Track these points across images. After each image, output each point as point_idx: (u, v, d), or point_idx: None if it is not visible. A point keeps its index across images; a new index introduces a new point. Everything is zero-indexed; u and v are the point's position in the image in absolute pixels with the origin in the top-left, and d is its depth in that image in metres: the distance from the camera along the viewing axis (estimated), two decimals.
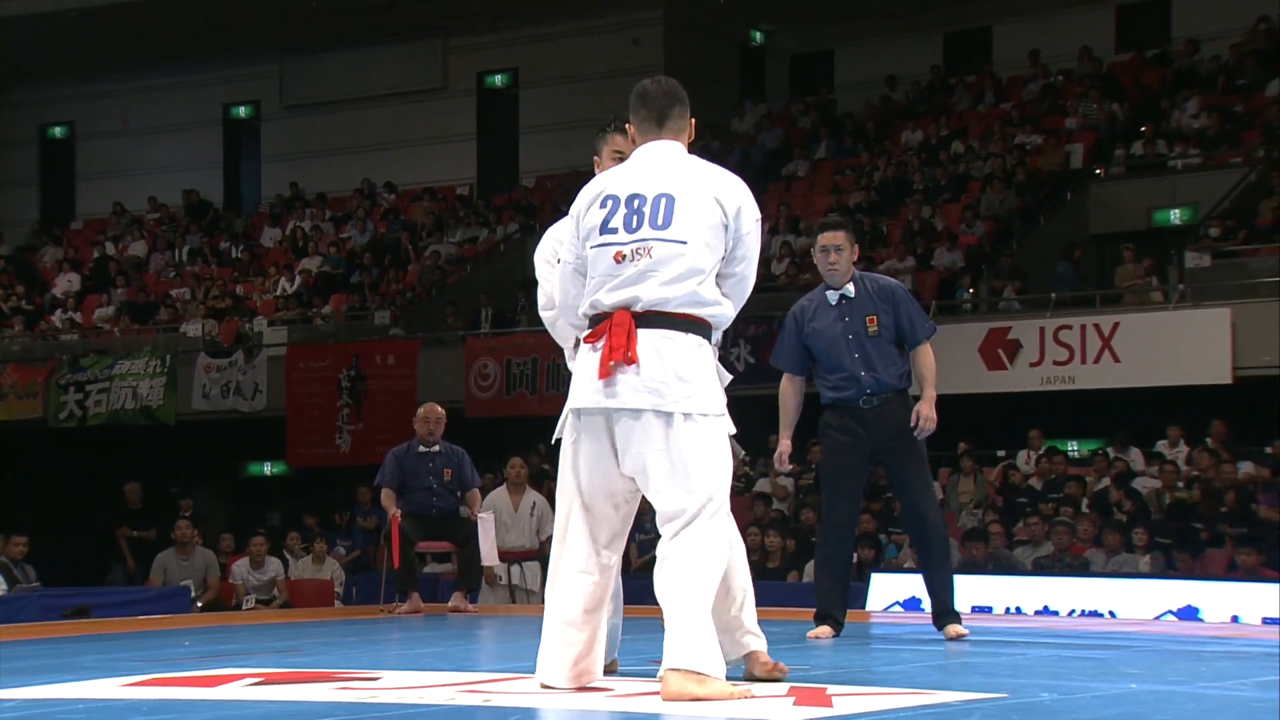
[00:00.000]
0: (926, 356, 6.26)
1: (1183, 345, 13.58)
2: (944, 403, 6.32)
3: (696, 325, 3.94)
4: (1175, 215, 17.05)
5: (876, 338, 6.16)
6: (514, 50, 22.59)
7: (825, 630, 6.21)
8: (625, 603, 4.54)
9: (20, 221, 25.01)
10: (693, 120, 4.25)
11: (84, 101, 24.84)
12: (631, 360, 3.86)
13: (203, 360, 18.66)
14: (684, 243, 3.93)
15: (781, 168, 19.97)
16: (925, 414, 6.11)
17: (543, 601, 4.25)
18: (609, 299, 3.93)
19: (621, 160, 4.32)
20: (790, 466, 6.43)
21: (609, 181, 4.06)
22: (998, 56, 20.35)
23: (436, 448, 9.29)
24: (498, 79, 23.03)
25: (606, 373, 3.87)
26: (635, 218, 3.95)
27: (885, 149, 19.12)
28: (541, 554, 10.90)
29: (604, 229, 3.97)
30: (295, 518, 15.89)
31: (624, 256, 3.93)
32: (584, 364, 3.98)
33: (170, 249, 22.60)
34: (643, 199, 3.97)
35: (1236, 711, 3.73)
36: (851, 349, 6.16)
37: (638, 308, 3.90)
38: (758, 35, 22.70)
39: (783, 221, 17.80)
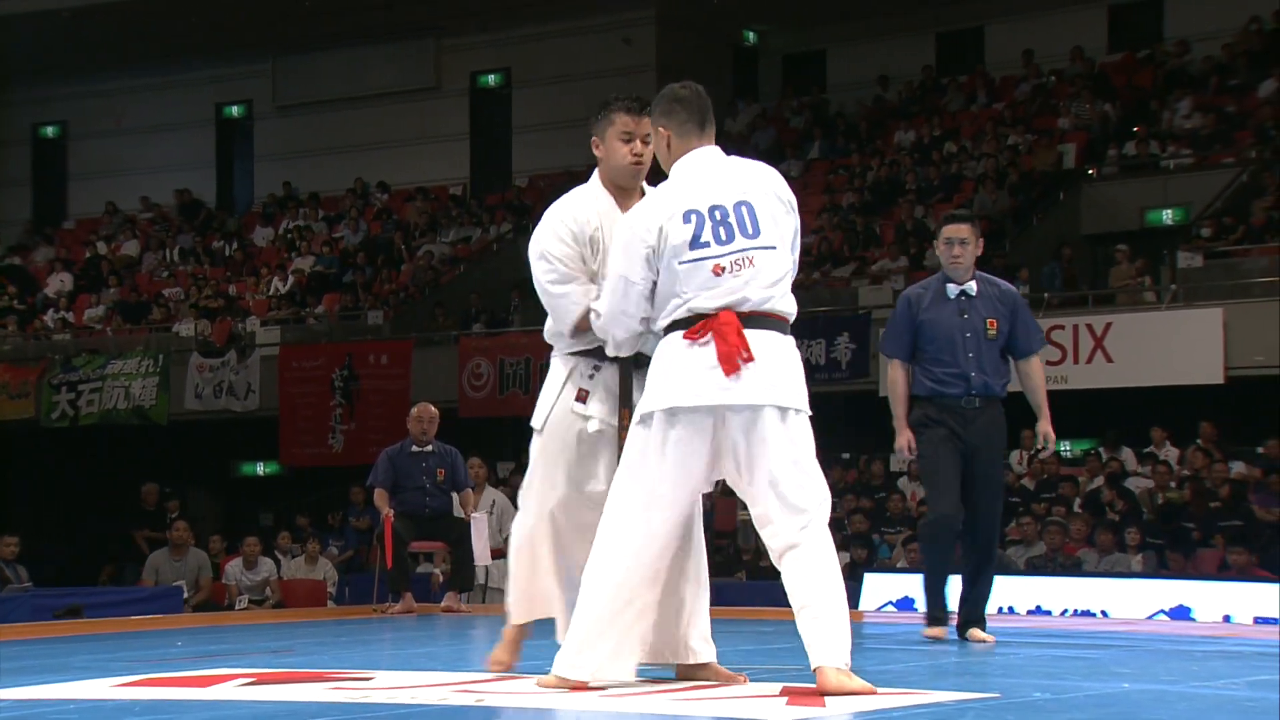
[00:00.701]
0: (1039, 371, 6.24)
1: (1175, 345, 13.60)
2: None
3: (788, 325, 4.07)
4: (1168, 215, 17.08)
5: (993, 341, 6.10)
6: (507, 50, 22.59)
7: (941, 631, 6.16)
8: None
9: (12, 221, 24.97)
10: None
11: (76, 101, 24.80)
12: (750, 358, 3.93)
13: (195, 360, 18.63)
14: (774, 247, 4.06)
15: (774, 167, 19.94)
16: (1050, 435, 6.16)
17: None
18: (712, 303, 3.98)
19: (630, 140, 4.39)
20: (912, 456, 6.27)
21: (682, 196, 4.08)
22: (990, 56, 20.37)
23: (430, 448, 9.28)
24: (490, 79, 23.02)
25: (734, 369, 3.91)
26: (724, 229, 4.03)
27: (878, 149, 19.14)
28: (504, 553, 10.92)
29: (695, 244, 4.01)
30: (288, 518, 15.88)
31: (723, 269, 4.00)
32: (687, 361, 3.95)
33: (163, 249, 22.56)
34: (724, 209, 4.06)
35: (1229, 711, 3.73)
36: (967, 347, 6.07)
37: (744, 309, 3.98)
38: (750, 35, 22.70)
39: None
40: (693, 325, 3.97)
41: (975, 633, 6.05)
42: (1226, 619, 9.16)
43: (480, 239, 20.18)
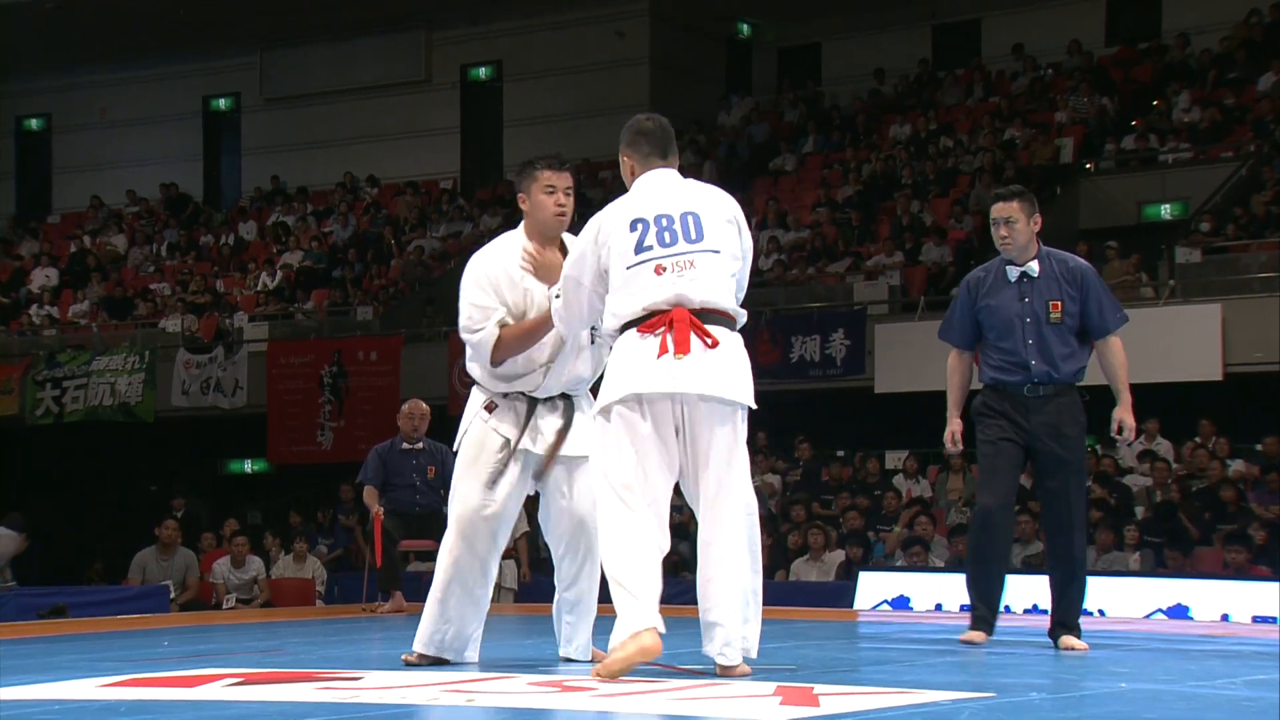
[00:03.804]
0: (1118, 352, 5.75)
1: (1173, 342, 13.61)
2: (930, 399, 6.23)
3: (735, 324, 4.39)
4: (1166, 210, 17.10)
5: (1059, 325, 5.66)
6: (497, 43, 22.58)
7: (978, 635, 5.73)
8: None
9: None
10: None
11: (61, 93, 24.77)
12: (715, 343, 4.27)
13: (182, 356, 18.61)
14: (718, 252, 4.39)
15: (769, 162, 19.99)
16: (1129, 423, 5.67)
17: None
18: (660, 300, 4.30)
19: (553, 193, 4.81)
20: (960, 447, 5.92)
21: (630, 206, 4.43)
22: (986, 50, 20.39)
23: (420, 445, 9.28)
24: (481, 72, 23.02)
25: (686, 350, 4.22)
26: (667, 234, 4.36)
27: (873, 143, 19.15)
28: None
29: (639, 249, 4.36)
30: (276, 516, 15.86)
31: (664, 269, 4.34)
32: (638, 351, 4.28)
33: (149, 243, 22.53)
34: (670, 217, 4.39)
35: (1226, 710, 3.74)
36: (1027, 333, 5.66)
37: (691, 306, 4.29)
38: (744, 28, 22.71)
39: (770, 216, 17.81)
40: (645, 321, 4.30)
41: (1066, 639, 5.68)
42: (1225, 618, 9.18)
43: (471, 234, 20.17)
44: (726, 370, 4.29)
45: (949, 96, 19.68)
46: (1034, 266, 5.79)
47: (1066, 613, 5.78)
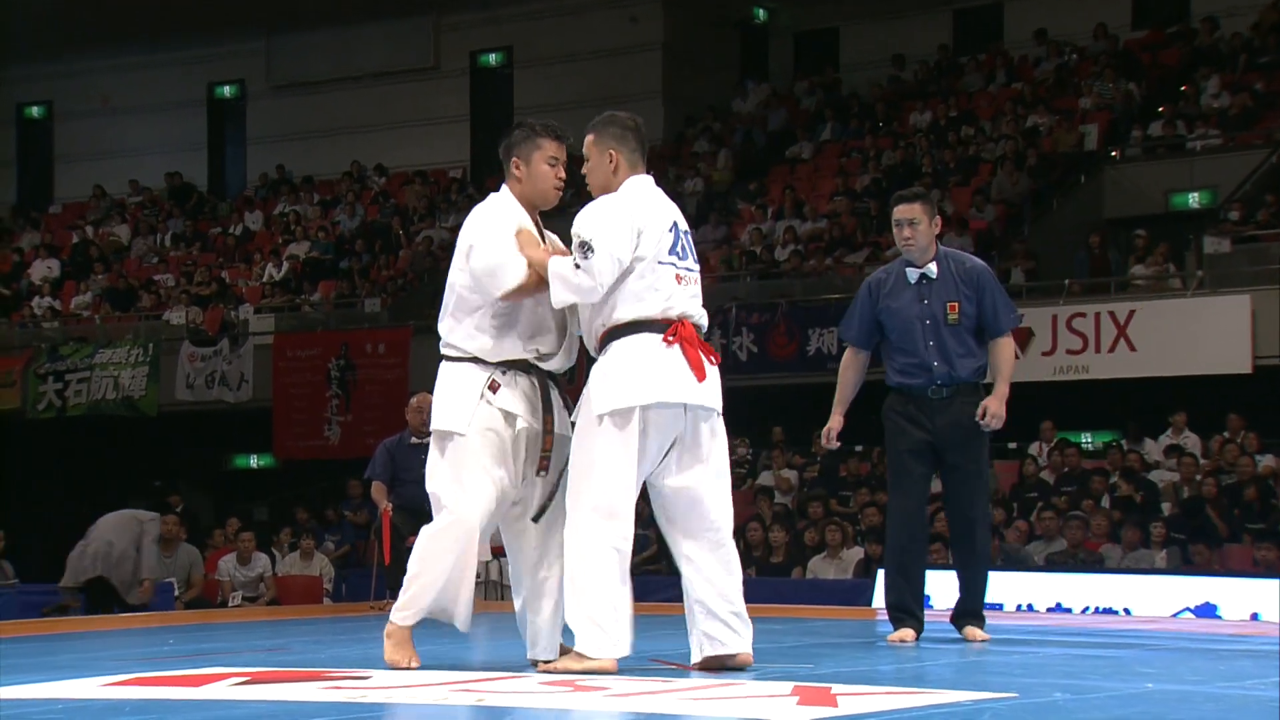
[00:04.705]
0: (1006, 349, 6.02)
1: (1201, 334, 13.57)
2: None
3: None
4: (1194, 199, 17.03)
5: (956, 326, 5.91)
6: (508, 28, 22.56)
7: (907, 634, 5.92)
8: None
9: None
10: None
11: (62, 80, 24.80)
12: (718, 360, 4.67)
13: (186, 349, 18.65)
14: (697, 273, 4.78)
15: (785, 150, 19.96)
16: (994, 410, 5.85)
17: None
18: (677, 309, 4.60)
19: (555, 165, 4.80)
20: (837, 444, 6.24)
21: (662, 208, 4.68)
22: (1009, 34, 20.32)
23: (429, 439, 9.27)
24: (491, 58, 23.01)
25: (703, 375, 4.57)
26: (683, 247, 4.70)
27: (892, 131, 19.11)
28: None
29: (671, 251, 4.64)
30: (283, 512, 15.89)
31: (681, 279, 4.64)
32: (662, 360, 4.52)
33: (153, 233, 22.58)
34: (679, 231, 4.70)
35: (1256, 712, 3.73)
36: (927, 335, 5.92)
37: (693, 320, 4.62)
38: (760, 13, 22.66)
39: (787, 206, 17.79)
40: (666, 328, 4.53)
41: (972, 630, 5.93)
42: (1255, 617, 9.16)
43: None
44: (718, 385, 4.69)
45: (970, 82, 19.63)
46: (932, 268, 6.04)
47: (971, 601, 6.03)
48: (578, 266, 4.51)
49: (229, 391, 18.36)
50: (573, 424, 4.64)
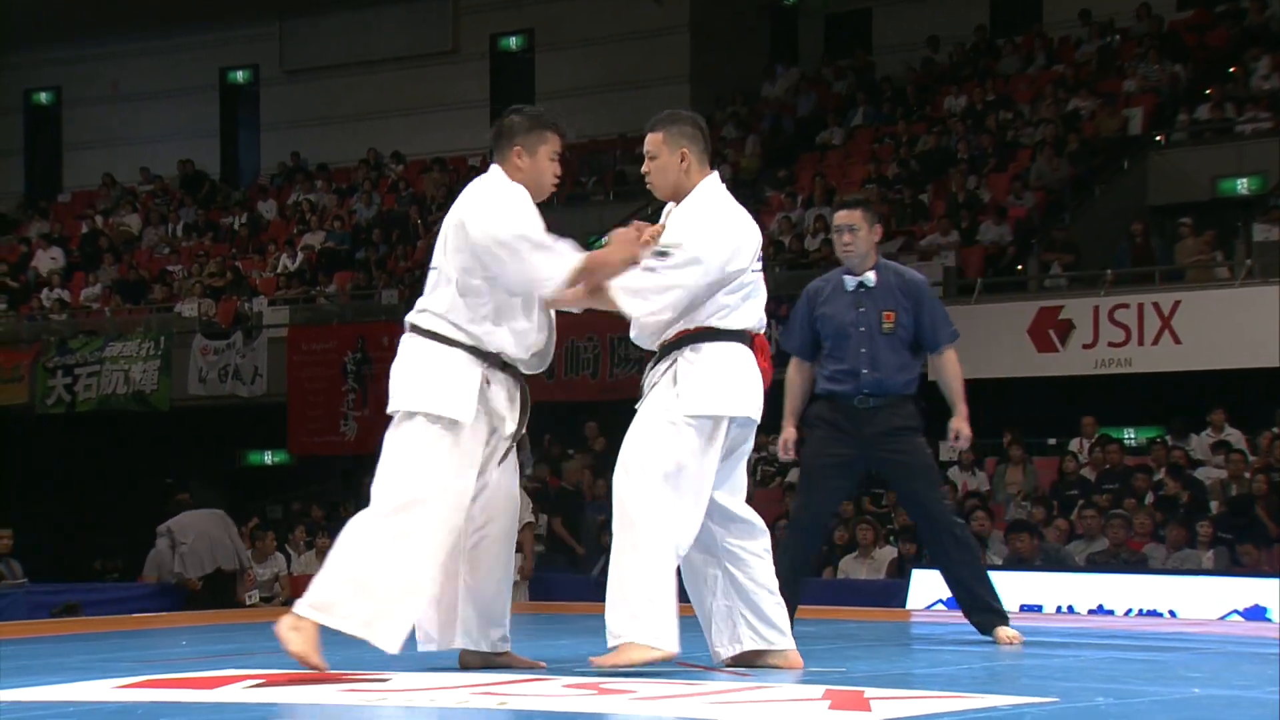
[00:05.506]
0: (952, 365, 6.15)
1: (1249, 325, 13.49)
2: (990, 387, 6.29)
3: None
4: (1242, 185, 16.93)
5: (891, 335, 6.03)
6: (529, 10, 22.57)
7: None
8: None
9: (3, 194, 25.12)
10: None
11: (71, 66, 24.92)
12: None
13: (199, 342, 18.73)
14: None
15: (816, 136, 19.92)
16: (964, 431, 6.09)
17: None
18: (761, 318, 4.81)
19: (554, 162, 4.81)
20: (794, 455, 6.35)
21: (748, 216, 4.86)
22: (1048, 15, 20.23)
23: None
24: (512, 41, 23.02)
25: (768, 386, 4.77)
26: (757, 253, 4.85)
27: (927, 115, 19.05)
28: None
29: (757, 259, 4.81)
30: (298, 510, 15.95)
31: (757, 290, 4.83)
32: (752, 375, 4.71)
33: (164, 223, 22.68)
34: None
35: None
36: (860, 342, 6.03)
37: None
38: None
39: (817, 194, 17.75)
40: (752, 339, 4.72)
41: (1003, 631, 5.90)
42: None
43: None
44: None
45: (1008, 65, 19.55)
46: (871, 277, 6.12)
47: (983, 596, 6.01)
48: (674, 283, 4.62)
49: (242, 385, 18.43)
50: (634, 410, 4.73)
